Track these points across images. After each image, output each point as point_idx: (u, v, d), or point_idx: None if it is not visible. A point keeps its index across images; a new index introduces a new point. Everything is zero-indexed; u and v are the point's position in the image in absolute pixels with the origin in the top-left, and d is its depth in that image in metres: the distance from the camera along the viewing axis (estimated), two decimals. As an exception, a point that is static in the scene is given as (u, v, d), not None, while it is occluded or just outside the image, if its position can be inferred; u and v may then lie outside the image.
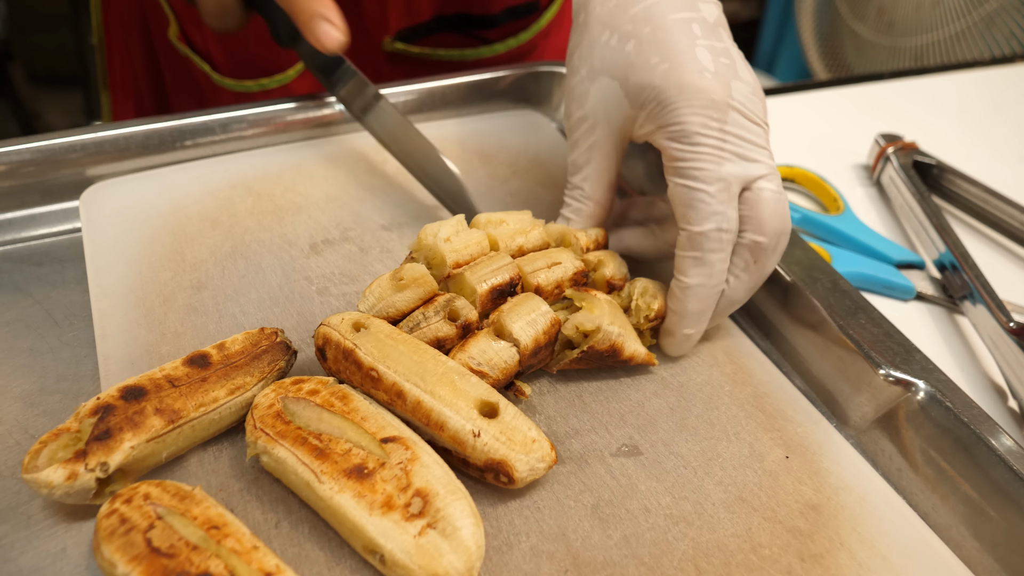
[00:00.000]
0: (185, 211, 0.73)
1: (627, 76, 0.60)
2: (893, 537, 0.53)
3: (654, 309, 0.62)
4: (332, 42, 0.70)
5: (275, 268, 0.69)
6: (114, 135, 0.77)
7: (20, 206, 0.75)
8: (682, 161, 0.58)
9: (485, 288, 0.57)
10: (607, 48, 0.62)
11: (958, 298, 0.78)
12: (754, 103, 0.59)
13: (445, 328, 0.56)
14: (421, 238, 0.60)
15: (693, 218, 0.57)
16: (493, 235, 0.62)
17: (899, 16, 1.93)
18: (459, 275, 0.58)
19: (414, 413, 0.52)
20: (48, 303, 0.66)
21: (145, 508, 0.46)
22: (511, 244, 0.63)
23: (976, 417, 0.56)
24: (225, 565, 0.43)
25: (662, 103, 0.58)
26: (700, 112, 0.57)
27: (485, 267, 0.59)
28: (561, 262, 0.62)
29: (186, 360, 0.55)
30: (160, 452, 0.51)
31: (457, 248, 0.59)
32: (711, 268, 0.58)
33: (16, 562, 0.48)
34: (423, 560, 0.45)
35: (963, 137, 1.06)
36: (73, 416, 0.51)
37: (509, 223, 0.64)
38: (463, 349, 0.56)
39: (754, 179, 0.58)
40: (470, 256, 0.60)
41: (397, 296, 0.56)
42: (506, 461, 0.50)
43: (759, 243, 0.58)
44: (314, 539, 0.50)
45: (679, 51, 0.58)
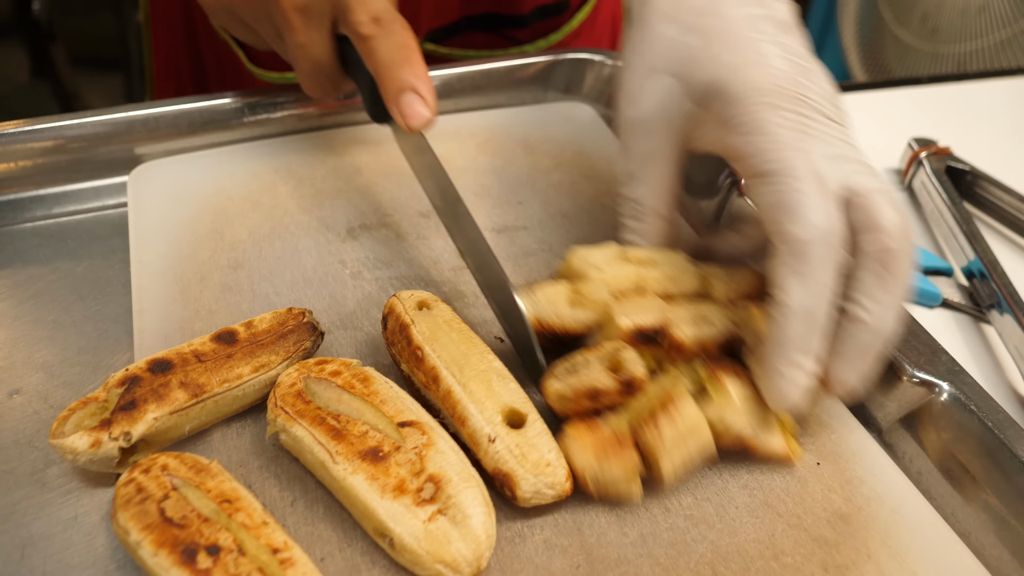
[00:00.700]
0: (228, 192, 0.74)
1: (691, 72, 0.55)
2: (924, 553, 0.51)
3: None
4: (418, 120, 0.62)
5: (311, 251, 0.69)
6: (163, 112, 0.78)
7: (51, 183, 0.76)
8: (761, 156, 0.50)
9: (630, 325, 0.52)
10: (668, 42, 0.56)
11: (985, 307, 0.76)
12: (830, 103, 0.53)
13: (604, 379, 0.51)
14: (569, 260, 0.57)
15: (787, 219, 0.48)
16: (643, 274, 0.57)
17: (943, 22, 1.90)
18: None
19: (444, 402, 0.52)
20: (73, 277, 0.68)
21: (162, 479, 0.46)
22: (659, 289, 0.57)
23: (1001, 422, 0.55)
24: (234, 539, 0.43)
25: (730, 100, 0.52)
26: (775, 105, 0.51)
27: (634, 304, 0.54)
28: (712, 321, 0.55)
29: (214, 336, 0.55)
30: (183, 425, 0.52)
31: (607, 280, 0.55)
32: (817, 283, 0.48)
33: (28, 527, 0.49)
34: (431, 546, 0.45)
35: (1001, 145, 1.04)
36: (102, 386, 0.52)
37: (659, 264, 0.58)
38: None
39: (853, 179, 0.50)
40: (619, 291, 0.56)
41: (568, 309, 0.54)
42: (512, 476, 0.49)
43: (885, 246, 0.49)
44: (328, 519, 0.50)
45: (747, 46, 0.53)
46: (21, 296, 0.65)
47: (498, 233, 0.73)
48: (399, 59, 0.63)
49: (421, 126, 0.62)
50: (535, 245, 0.71)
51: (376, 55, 0.63)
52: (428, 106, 0.62)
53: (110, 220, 0.74)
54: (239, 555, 0.43)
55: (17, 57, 2.35)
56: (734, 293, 0.57)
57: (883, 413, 0.61)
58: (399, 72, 0.62)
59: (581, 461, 0.49)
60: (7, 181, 0.74)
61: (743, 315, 0.55)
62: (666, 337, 0.53)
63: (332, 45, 0.67)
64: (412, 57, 0.63)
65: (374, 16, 0.63)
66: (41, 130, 0.74)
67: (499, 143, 0.85)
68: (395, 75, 0.62)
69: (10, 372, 0.59)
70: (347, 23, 0.64)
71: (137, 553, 0.44)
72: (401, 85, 0.62)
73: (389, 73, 0.63)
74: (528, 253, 0.70)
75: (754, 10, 0.55)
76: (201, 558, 0.42)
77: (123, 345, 0.62)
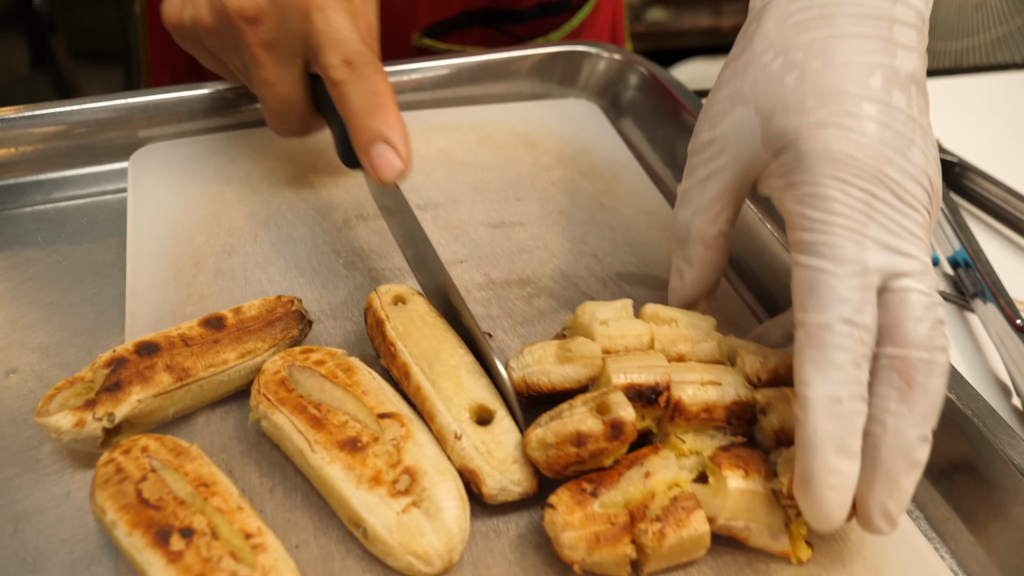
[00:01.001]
0: (227, 177, 0.75)
1: (772, 113, 0.49)
2: (899, 564, 0.50)
3: (783, 483, 0.47)
4: (389, 173, 0.60)
5: (306, 239, 0.70)
6: (163, 99, 0.79)
7: (51, 168, 0.77)
8: (809, 232, 0.46)
9: (623, 382, 0.49)
10: (764, 72, 0.51)
11: (969, 295, 0.77)
12: (915, 186, 0.47)
13: (591, 422, 0.47)
14: (578, 315, 0.55)
15: (811, 305, 0.44)
16: (656, 333, 0.54)
17: (940, 19, 1.89)
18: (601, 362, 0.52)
19: (414, 397, 0.52)
20: (72, 261, 0.69)
21: (141, 460, 0.47)
22: (671, 349, 0.53)
23: (981, 411, 0.55)
24: (208, 522, 0.44)
25: (799, 159, 0.47)
26: (844, 179, 0.46)
27: (632, 360, 0.51)
28: (721, 383, 0.50)
29: (202, 321, 0.56)
30: (167, 408, 0.53)
31: (612, 335, 0.53)
32: (838, 373, 0.43)
33: (22, 503, 0.50)
34: (403, 537, 0.45)
35: (993, 139, 1.05)
36: (89, 366, 0.53)
37: (680, 324, 0.55)
38: None
39: (898, 275, 0.45)
40: (624, 348, 0.53)
41: (556, 367, 0.51)
42: (478, 473, 0.49)
43: (905, 359, 0.44)
44: (305, 507, 0.50)
45: (842, 102, 0.47)
46: (19, 278, 0.66)
47: (494, 228, 0.73)
48: (371, 107, 0.60)
49: (393, 179, 0.60)
50: (531, 242, 0.72)
51: (347, 101, 0.61)
52: (400, 157, 0.59)
53: (109, 206, 0.75)
54: (212, 539, 0.43)
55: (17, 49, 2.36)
56: (766, 372, 0.53)
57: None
58: (370, 121, 0.60)
59: (569, 544, 0.45)
60: (7, 166, 0.75)
61: (773, 395, 0.51)
62: (667, 397, 0.49)
63: (302, 84, 0.66)
64: (385, 104, 0.60)
65: (346, 59, 0.61)
66: (42, 116, 0.75)
67: (501, 138, 0.85)
68: (366, 124, 0.60)
69: (7, 352, 0.60)
70: (319, 64, 0.62)
71: (113, 532, 0.44)
72: (372, 135, 0.60)
73: (360, 122, 0.60)
74: (523, 250, 0.71)
75: (872, 58, 0.49)
76: (174, 540, 0.43)
77: (118, 327, 0.62)
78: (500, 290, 0.67)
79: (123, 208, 0.73)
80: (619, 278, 0.69)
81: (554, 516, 0.46)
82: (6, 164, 0.75)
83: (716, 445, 0.50)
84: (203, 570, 0.42)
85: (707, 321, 0.56)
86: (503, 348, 0.62)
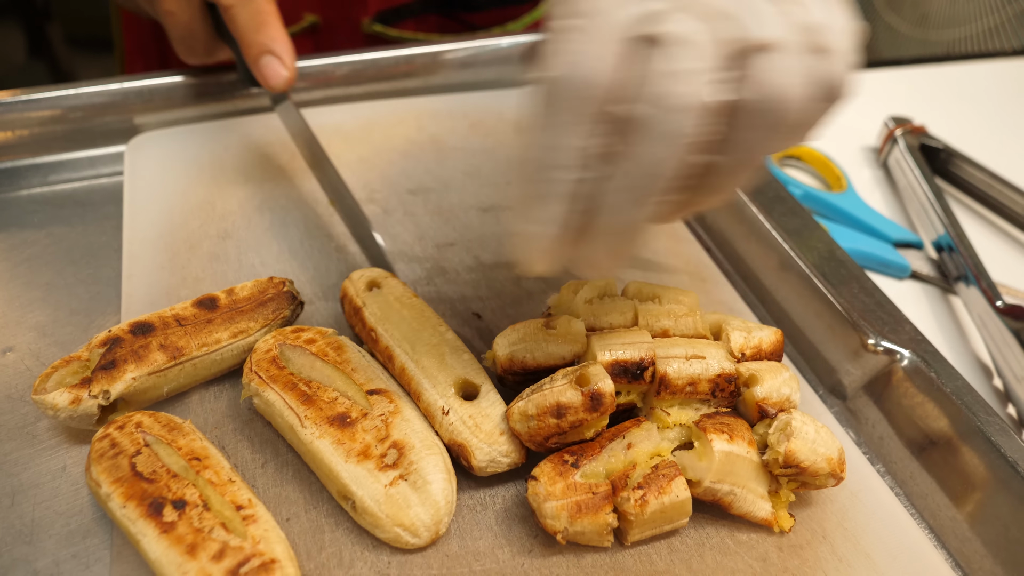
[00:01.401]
0: (222, 163, 0.76)
1: None
2: (880, 536, 0.52)
3: (780, 452, 0.49)
4: (277, 80, 0.68)
5: (299, 223, 0.71)
6: (157, 84, 0.80)
7: (48, 152, 0.78)
8: None
9: (608, 359, 0.50)
10: None
11: (953, 279, 0.78)
12: None
13: (570, 393, 0.47)
14: (563, 293, 0.57)
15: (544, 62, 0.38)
16: (639, 309, 0.55)
17: (933, 8, 1.90)
18: (587, 339, 0.53)
19: (400, 378, 0.54)
20: (67, 242, 0.70)
21: (135, 435, 0.48)
22: (655, 324, 0.55)
23: (960, 388, 0.57)
24: (200, 495, 0.45)
25: None
26: None
27: (617, 337, 0.52)
28: (705, 357, 0.52)
29: (195, 302, 0.57)
30: (161, 386, 0.54)
31: (596, 312, 0.54)
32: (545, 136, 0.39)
33: (18, 477, 0.51)
34: (391, 509, 0.46)
35: (981, 125, 1.05)
36: (85, 346, 0.54)
37: (662, 300, 0.57)
38: None
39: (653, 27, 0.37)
40: (608, 325, 0.54)
41: (540, 345, 0.52)
42: (466, 447, 0.50)
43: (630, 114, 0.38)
44: (296, 481, 0.51)
45: None
46: (16, 259, 0.67)
47: (484, 212, 0.74)
48: (256, 24, 0.67)
49: (281, 86, 0.67)
50: (520, 225, 0.73)
51: (236, 23, 0.68)
52: (286, 66, 0.67)
53: (105, 189, 0.76)
54: (204, 510, 0.44)
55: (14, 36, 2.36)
56: (749, 348, 0.55)
57: (848, 380, 0.62)
58: (256, 36, 0.67)
59: (551, 514, 0.46)
60: (4, 149, 0.76)
61: (758, 367, 0.53)
62: (652, 372, 0.51)
63: (201, 13, 0.71)
64: (269, 20, 0.67)
65: None
66: (38, 100, 0.76)
67: (492, 124, 0.86)
68: (254, 39, 0.67)
69: (4, 331, 0.61)
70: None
71: (107, 505, 0.45)
72: (260, 49, 0.67)
73: (248, 38, 0.67)
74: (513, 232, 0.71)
75: None
76: (167, 511, 0.44)
77: (113, 307, 0.63)
78: (489, 272, 0.68)
79: (118, 191, 0.74)
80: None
81: (536, 487, 0.47)
82: (3, 147, 0.76)
83: (700, 415, 0.51)
84: (195, 540, 0.43)
85: (689, 296, 0.58)
86: (492, 328, 0.62)
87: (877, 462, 0.59)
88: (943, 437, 0.57)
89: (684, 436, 0.51)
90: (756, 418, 0.52)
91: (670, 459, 0.49)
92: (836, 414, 0.62)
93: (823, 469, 0.49)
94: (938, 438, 0.57)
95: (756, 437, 0.51)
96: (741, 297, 0.69)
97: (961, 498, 0.55)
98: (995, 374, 0.70)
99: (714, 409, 0.52)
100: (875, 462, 0.59)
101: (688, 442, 0.51)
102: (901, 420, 0.59)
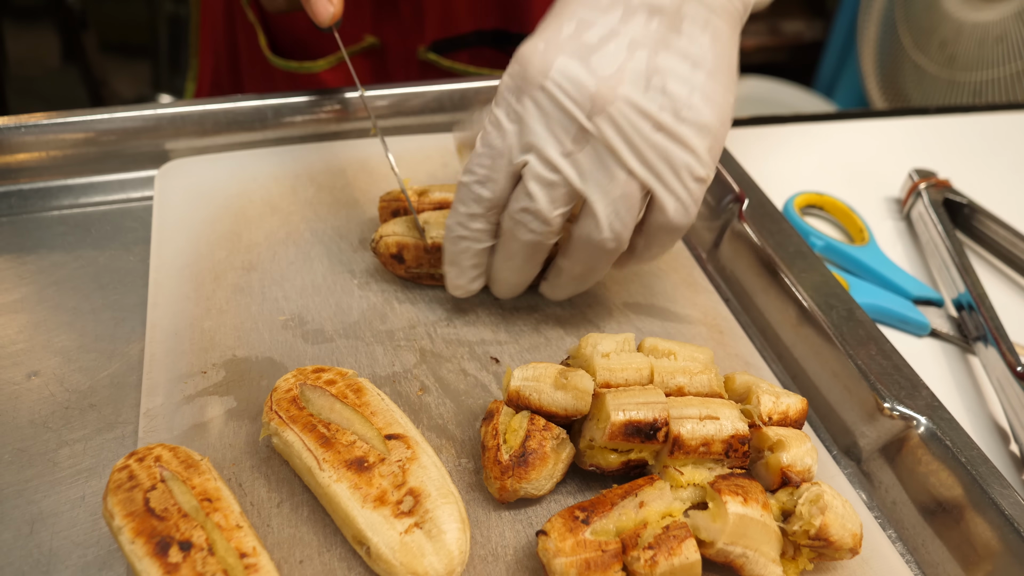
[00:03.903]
0: (249, 194, 0.77)
1: None
2: None
3: (815, 525, 0.49)
4: (324, 14, 0.70)
5: (323, 258, 0.71)
6: (189, 112, 0.81)
7: (79, 173, 0.79)
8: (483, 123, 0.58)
9: (621, 419, 0.51)
10: None
11: (972, 339, 0.78)
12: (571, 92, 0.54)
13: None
14: (581, 346, 0.58)
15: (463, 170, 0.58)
16: (655, 365, 0.56)
17: (961, 50, 1.90)
18: (601, 397, 0.53)
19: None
20: (95, 267, 0.71)
21: (153, 469, 0.48)
22: (670, 382, 0.56)
23: (975, 459, 0.56)
24: (207, 538, 0.45)
25: None
26: (509, 76, 0.56)
27: (631, 396, 0.52)
28: (719, 418, 0.52)
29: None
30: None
31: (613, 368, 0.55)
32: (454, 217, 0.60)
33: (38, 504, 0.52)
34: (405, 557, 0.46)
35: (1006, 178, 1.05)
36: None
37: (678, 357, 0.58)
38: None
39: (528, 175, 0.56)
40: (624, 381, 0.55)
41: (549, 390, 0.54)
42: None
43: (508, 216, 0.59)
44: (311, 523, 0.51)
45: (554, 18, 0.57)
46: (44, 282, 0.68)
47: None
48: None
49: (328, 20, 0.69)
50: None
51: None
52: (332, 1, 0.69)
53: (133, 212, 0.77)
54: (208, 554, 0.44)
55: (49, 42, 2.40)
56: (777, 413, 0.55)
57: (863, 442, 0.62)
58: None
59: (560, 571, 0.46)
60: (37, 170, 0.77)
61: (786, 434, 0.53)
62: (666, 433, 0.51)
63: None
64: None
65: None
66: (72, 123, 0.77)
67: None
68: None
69: (30, 355, 0.62)
70: None
71: (118, 537, 0.46)
72: None
73: None
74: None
75: None
76: (173, 552, 0.44)
77: (138, 334, 0.64)
78: (509, 315, 0.68)
79: (147, 215, 0.75)
80: (626, 307, 0.70)
81: (547, 543, 0.47)
82: (36, 168, 0.77)
83: (714, 476, 0.51)
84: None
85: (704, 353, 0.58)
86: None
87: (889, 527, 0.59)
88: (956, 506, 0.56)
89: (697, 496, 0.51)
90: (777, 483, 0.52)
91: (682, 520, 0.49)
92: (849, 475, 0.62)
93: (847, 544, 0.49)
94: (951, 507, 0.56)
95: (776, 503, 0.51)
96: (758, 351, 0.69)
97: (973, 569, 0.55)
98: (1012, 439, 0.70)
99: (727, 469, 0.52)
100: (887, 527, 0.59)
101: (701, 502, 0.51)
102: (915, 486, 0.59)
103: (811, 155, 1.05)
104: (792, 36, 3.07)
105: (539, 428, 0.53)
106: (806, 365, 0.68)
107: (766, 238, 0.74)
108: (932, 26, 1.96)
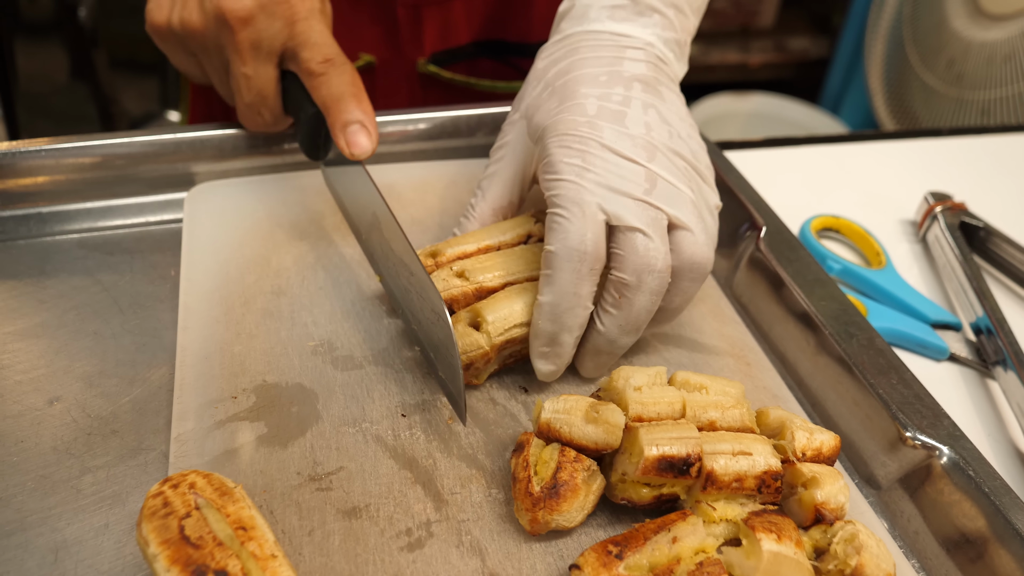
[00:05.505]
0: (278, 219, 0.77)
1: (531, 118, 0.66)
2: None
3: (851, 565, 0.49)
4: (361, 149, 0.69)
5: (351, 284, 0.72)
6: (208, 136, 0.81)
7: (99, 197, 0.79)
8: (548, 190, 0.60)
9: (655, 454, 0.51)
10: (531, 94, 0.68)
11: (991, 363, 0.78)
12: (628, 146, 0.60)
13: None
14: (613, 379, 0.58)
15: (549, 239, 0.58)
16: (687, 399, 0.57)
17: (969, 68, 1.91)
18: (634, 431, 0.53)
19: None
20: (115, 291, 0.71)
21: (187, 496, 0.48)
22: (702, 416, 0.56)
23: (998, 489, 0.56)
24: (242, 567, 0.45)
25: (542, 140, 0.62)
26: (564, 145, 0.60)
27: (664, 431, 0.52)
28: (752, 454, 0.53)
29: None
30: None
31: (645, 401, 0.55)
32: (560, 287, 0.57)
33: (62, 532, 0.52)
34: None
35: (1020, 198, 1.06)
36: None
37: (710, 391, 0.58)
38: None
39: (622, 212, 0.58)
40: (656, 415, 0.55)
41: (580, 423, 0.54)
42: None
43: (622, 280, 0.58)
44: (342, 552, 0.52)
45: (571, 97, 0.63)
46: (65, 306, 0.68)
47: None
48: (348, 94, 0.70)
49: (363, 155, 0.69)
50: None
51: (326, 89, 0.70)
52: (371, 138, 0.70)
53: (153, 236, 0.77)
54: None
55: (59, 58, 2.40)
56: (811, 449, 0.55)
57: (884, 471, 0.62)
58: (347, 105, 0.69)
59: None
60: (57, 193, 0.77)
61: (821, 471, 0.53)
62: (699, 468, 0.52)
63: (276, 79, 0.73)
64: (360, 94, 0.71)
65: (326, 58, 0.70)
66: (92, 147, 0.77)
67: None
68: (344, 108, 0.69)
69: (51, 380, 0.62)
70: (298, 60, 0.71)
71: (153, 565, 0.46)
72: (348, 118, 0.69)
73: (338, 106, 0.70)
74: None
75: (600, 68, 0.65)
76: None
77: (159, 359, 0.64)
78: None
79: (167, 238, 0.76)
80: (654, 338, 0.70)
81: None
82: (56, 192, 0.78)
83: (747, 512, 0.52)
84: (232, 614, 0.43)
85: (736, 387, 0.58)
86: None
87: (912, 557, 0.59)
88: (979, 537, 0.56)
89: (730, 532, 0.51)
90: (810, 520, 0.52)
91: (715, 556, 0.49)
92: (871, 504, 0.62)
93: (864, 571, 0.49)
94: (974, 537, 0.56)
95: (809, 540, 0.51)
96: (790, 391, 0.69)
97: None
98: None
99: (760, 506, 0.52)
100: (910, 556, 0.59)
101: (733, 538, 0.51)
102: (937, 517, 0.59)
103: (824, 177, 1.06)
104: (798, 53, 3.09)
105: (570, 460, 0.53)
106: (825, 394, 0.68)
107: (784, 266, 0.74)
108: (940, 45, 1.97)
